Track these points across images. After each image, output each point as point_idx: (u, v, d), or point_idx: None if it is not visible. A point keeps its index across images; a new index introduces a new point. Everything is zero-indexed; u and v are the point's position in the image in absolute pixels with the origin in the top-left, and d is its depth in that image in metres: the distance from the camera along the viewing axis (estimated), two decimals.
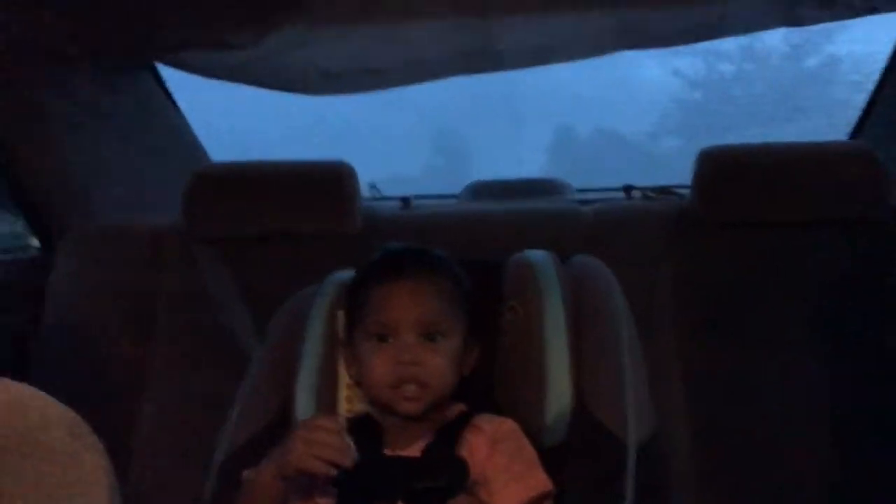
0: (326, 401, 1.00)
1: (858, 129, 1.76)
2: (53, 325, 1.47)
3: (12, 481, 0.32)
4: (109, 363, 1.44)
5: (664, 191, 1.65)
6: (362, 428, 0.92)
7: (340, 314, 1.02)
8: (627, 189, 1.68)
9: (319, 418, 0.90)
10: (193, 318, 1.45)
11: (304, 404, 0.99)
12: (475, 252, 1.20)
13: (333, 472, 0.81)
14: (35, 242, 1.66)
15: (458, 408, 0.97)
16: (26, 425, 0.34)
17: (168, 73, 1.77)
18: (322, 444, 0.81)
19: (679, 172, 1.73)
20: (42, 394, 0.38)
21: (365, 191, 1.58)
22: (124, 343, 1.45)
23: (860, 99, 1.80)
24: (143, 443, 1.38)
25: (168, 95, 1.79)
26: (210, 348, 1.42)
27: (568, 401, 0.93)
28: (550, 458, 0.91)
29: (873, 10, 1.39)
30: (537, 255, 1.04)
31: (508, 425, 0.93)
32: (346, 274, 1.06)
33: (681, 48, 1.61)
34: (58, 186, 1.56)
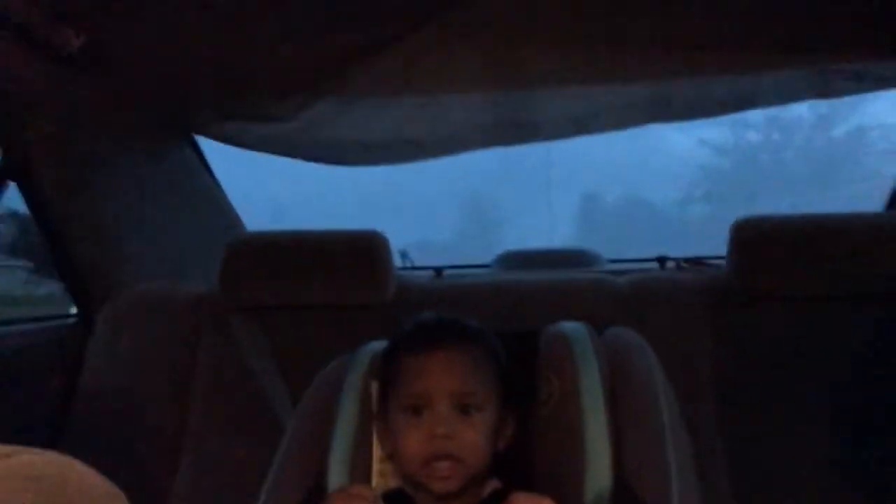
0: (360, 475, 0.98)
1: (893, 201, 1.75)
2: (90, 391, 1.48)
3: None
4: (145, 432, 1.44)
5: (698, 262, 1.63)
6: (396, 503, 0.90)
7: (374, 385, 1.02)
8: (661, 260, 1.67)
9: (356, 487, 0.89)
10: (229, 388, 1.45)
11: (337, 478, 0.97)
12: (509, 323, 1.20)
13: None
14: (74, 309, 1.69)
15: (493, 485, 0.95)
16: (67, 497, 0.34)
17: (205, 142, 1.82)
18: None
19: (708, 239, 1.72)
20: (80, 464, 0.38)
21: (396, 258, 1.59)
22: (160, 412, 1.46)
23: (892, 168, 1.79)
24: None
25: (206, 165, 1.84)
26: (245, 418, 1.42)
27: (608, 479, 0.90)
28: None
29: None
30: (573, 328, 1.03)
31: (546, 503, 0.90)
32: (380, 344, 1.05)
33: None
34: (98, 254, 1.59)
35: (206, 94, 1.44)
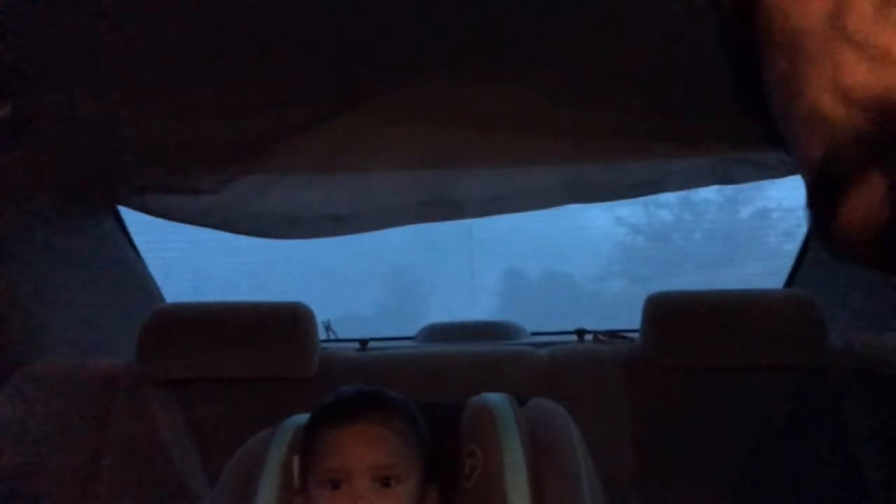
0: None
1: (793, 277, 1.87)
2: None
3: None
4: None
5: (614, 335, 1.70)
6: None
7: (296, 460, 1.01)
8: (580, 333, 1.73)
9: None
10: (140, 465, 1.40)
11: None
12: (433, 395, 1.21)
13: None
14: None
15: None
16: None
17: (127, 214, 1.79)
18: None
19: (625, 313, 1.80)
20: None
21: (320, 330, 1.58)
22: (68, 492, 1.38)
23: (791, 247, 1.92)
24: None
25: (127, 236, 1.81)
26: (159, 495, 1.36)
27: None
28: None
29: (794, 172, 1.52)
30: (496, 399, 1.05)
31: None
32: (303, 418, 1.05)
33: None
34: (7, 322, 1.53)
35: (131, 166, 1.43)
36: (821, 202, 0.31)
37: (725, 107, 1.27)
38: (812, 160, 0.32)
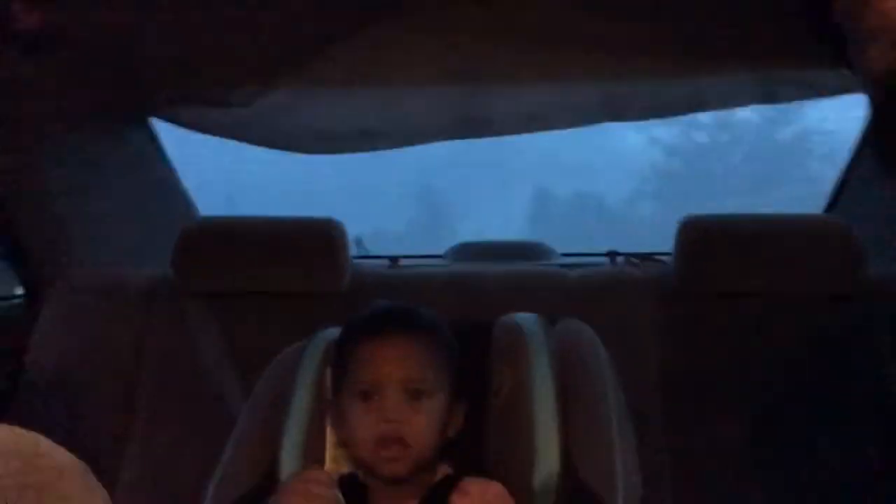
0: (313, 461, 0.99)
1: (832, 204, 1.82)
2: (36, 373, 1.45)
3: None
4: (92, 416, 1.42)
5: (646, 258, 1.68)
6: (349, 488, 0.91)
7: (328, 371, 1.03)
8: (612, 255, 1.71)
9: (313, 471, 0.90)
10: (178, 377, 1.44)
11: (290, 464, 0.98)
12: (463, 313, 1.22)
13: None
14: (21, 291, 1.65)
15: (444, 470, 0.97)
16: (39, 473, 0.35)
17: (159, 126, 1.79)
18: (315, 495, 0.81)
19: (656, 236, 1.77)
20: (49, 441, 0.38)
21: (351, 245, 1.59)
22: (107, 398, 1.43)
23: (831, 170, 1.86)
24: (125, 500, 1.35)
25: (160, 150, 1.81)
26: (194, 407, 1.41)
27: (556, 465, 0.93)
28: None
29: (845, 91, 1.46)
30: (526, 319, 1.05)
31: (495, 489, 0.92)
32: (336, 331, 1.06)
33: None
34: (46, 235, 1.56)
35: (163, 78, 1.42)
36: (884, 113, 0.30)
37: (772, 20, 1.22)
38: (877, 70, 0.30)
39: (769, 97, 1.52)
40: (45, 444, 0.38)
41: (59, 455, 0.37)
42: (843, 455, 1.33)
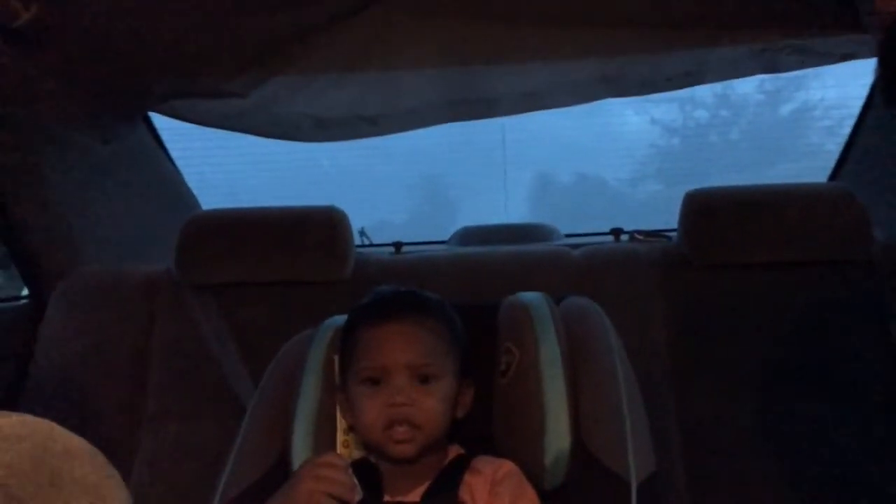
0: (324, 447, 0.99)
1: (835, 173, 1.82)
2: (43, 374, 1.46)
3: None
4: (100, 414, 1.42)
5: (651, 234, 1.67)
6: (362, 473, 0.91)
7: (336, 359, 1.03)
8: (616, 232, 1.70)
9: (327, 456, 0.90)
10: (186, 367, 1.44)
11: (301, 451, 0.98)
12: (468, 296, 1.21)
13: None
14: (26, 291, 1.65)
15: (456, 451, 0.97)
16: (52, 456, 0.34)
17: (160, 122, 1.79)
18: (330, 480, 0.81)
19: (659, 217, 1.77)
20: (60, 427, 0.38)
21: (355, 238, 1.59)
22: (114, 393, 1.44)
23: (833, 144, 1.85)
24: (137, 495, 1.36)
25: (160, 144, 1.81)
26: (203, 397, 1.41)
27: (567, 442, 0.93)
28: (552, 499, 0.91)
29: (849, 57, 1.45)
30: (531, 297, 1.05)
31: (508, 467, 0.93)
32: (341, 318, 1.06)
33: (658, 96, 1.65)
34: (49, 233, 1.56)
35: (159, 70, 1.42)
36: (893, 60, 0.29)
37: None
38: (886, 15, 0.29)
39: (770, 67, 1.51)
40: (57, 429, 0.38)
41: (72, 440, 0.37)
42: (849, 423, 1.33)
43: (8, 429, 0.34)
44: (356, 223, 1.85)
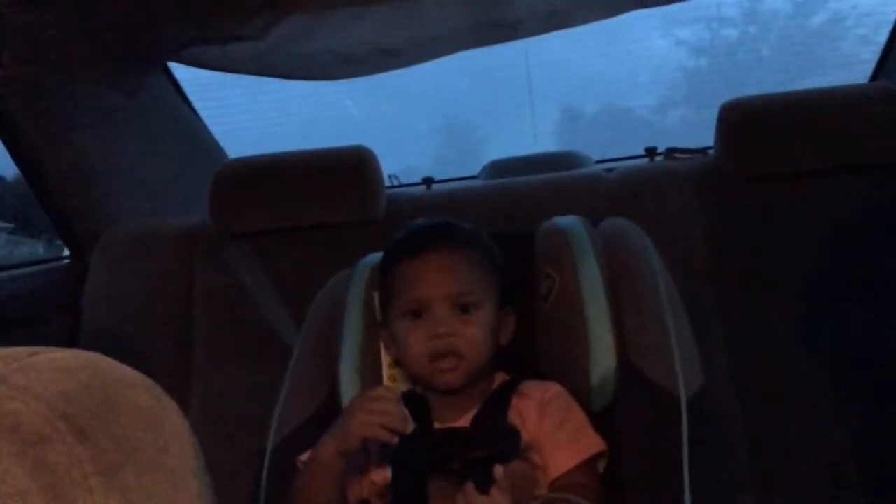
0: (371, 381, 1.00)
1: (877, 74, 1.74)
2: (91, 331, 1.48)
3: (108, 441, 0.32)
4: (150, 365, 1.44)
5: (686, 151, 1.63)
6: (410, 404, 0.91)
7: (376, 295, 1.02)
8: (650, 151, 1.66)
9: (376, 389, 0.90)
10: (230, 314, 1.46)
11: (349, 386, 0.99)
12: (503, 226, 1.19)
13: (395, 439, 0.81)
14: (66, 252, 1.67)
15: (502, 377, 0.97)
16: (110, 387, 0.34)
17: (182, 77, 1.78)
18: (382, 412, 0.82)
19: (690, 141, 1.71)
20: (113, 360, 0.38)
21: (385, 182, 1.57)
22: (164, 344, 1.46)
23: (869, 53, 1.77)
24: None
25: (183, 97, 1.80)
26: (249, 342, 1.43)
27: (612, 360, 0.92)
28: (600, 420, 0.91)
29: None
30: (568, 221, 1.03)
31: (555, 389, 0.93)
32: (378, 256, 1.05)
33: (685, 17, 1.59)
34: (84, 193, 1.57)
35: (174, 19, 1.40)
36: None
37: None
38: None
39: None
40: (111, 361, 0.37)
41: (127, 371, 0.37)
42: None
43: (62, 361, 0.34)
44: (385, 171, 1.84)
